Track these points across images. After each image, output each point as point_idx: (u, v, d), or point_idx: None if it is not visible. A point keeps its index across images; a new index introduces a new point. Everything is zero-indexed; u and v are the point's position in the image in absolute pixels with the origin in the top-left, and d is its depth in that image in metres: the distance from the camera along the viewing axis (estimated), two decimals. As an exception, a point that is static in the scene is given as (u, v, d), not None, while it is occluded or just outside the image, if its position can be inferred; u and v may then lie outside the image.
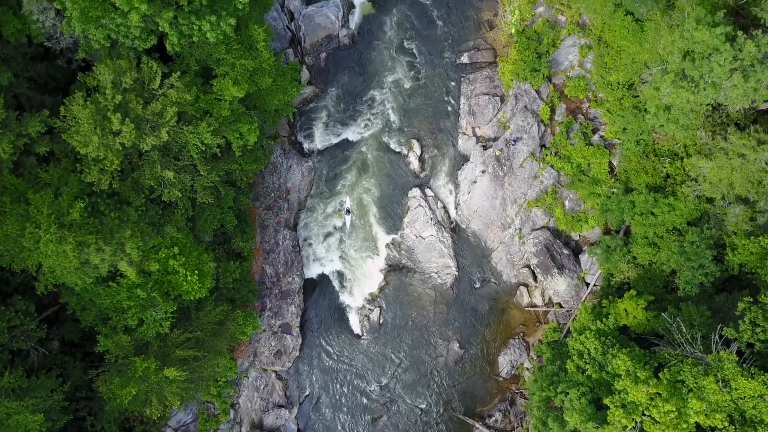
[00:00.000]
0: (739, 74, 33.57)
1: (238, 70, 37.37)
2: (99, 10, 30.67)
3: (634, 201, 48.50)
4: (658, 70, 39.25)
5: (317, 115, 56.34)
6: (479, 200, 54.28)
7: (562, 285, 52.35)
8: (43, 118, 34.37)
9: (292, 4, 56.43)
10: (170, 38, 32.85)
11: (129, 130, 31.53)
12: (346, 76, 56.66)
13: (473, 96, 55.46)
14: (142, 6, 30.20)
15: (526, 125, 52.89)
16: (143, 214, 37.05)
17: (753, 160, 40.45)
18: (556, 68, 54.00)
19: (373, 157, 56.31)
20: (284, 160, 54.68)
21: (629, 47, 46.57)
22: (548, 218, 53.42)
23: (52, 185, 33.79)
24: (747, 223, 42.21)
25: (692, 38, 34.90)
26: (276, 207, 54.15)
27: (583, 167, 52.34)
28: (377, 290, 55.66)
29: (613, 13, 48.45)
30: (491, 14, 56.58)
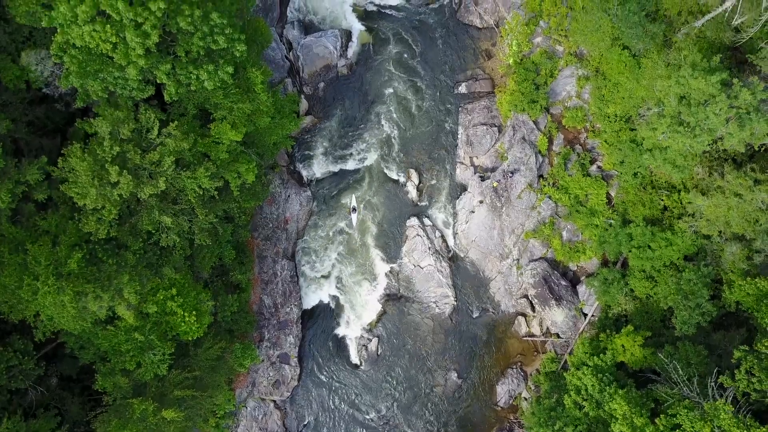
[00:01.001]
0: (735, 123, 33.68)
1: (236, 114, 37.49)
2: (97, 64, 30.78)
3: (632, 233, 48.62)
4: (655, 113, 39.39)
5: (316, 145, 56.45)
6: (477, 230, 54.38)
7: (559, 316, 52.43)
8: (42, 164, 34.47)
9: (290, 33, 56.54)
10: (168, 88, 32.95)
11: (127, 181, 31.65)
12: (344, 106, 56.78)
13: (471, 126, 55.57)
14: (139, 60, 30.31)
15: (524, 157, 52.99)
16: (141, 257, 37.14)
17: (749, 200, 40.57)
18: (554, 98, 54.11)
19: (371, 186, 56.40)
20: (283, 190, 54.77)
21: (626, 83, 46.70)
22: (546, 249, 53.52)
23: (51, 233, 33.88)
24: (744, 261, 42.31)
25: (688, 84, 35.03)
26: (274, 237, 54.23)
27: (581, 198, 52.43)
28: (375, 319, 55.73)
29: (611, 47, 48.57)
30: (489, 44, 56.70)
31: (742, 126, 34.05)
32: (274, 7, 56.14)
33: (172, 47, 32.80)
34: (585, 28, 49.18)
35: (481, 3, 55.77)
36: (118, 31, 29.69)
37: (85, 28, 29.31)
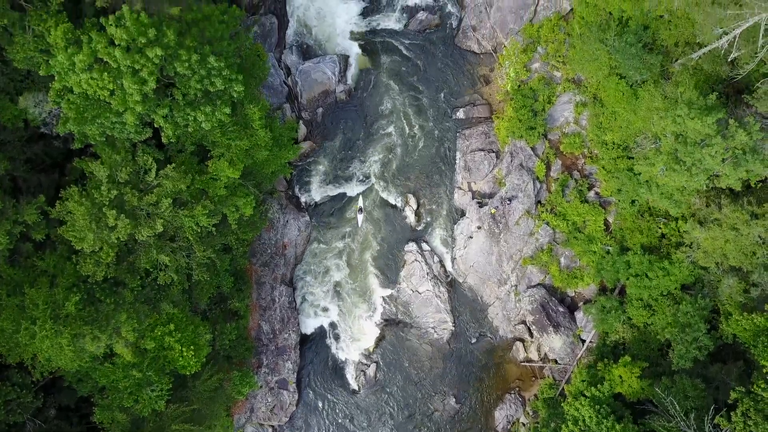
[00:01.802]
0: (730, 165, 33.79)
1: (233, 151, 37.58)
2: (95, 110, 30.88)
3: (630, 261, 48.74)
4: (652, 148, 39.51)
5: (314, 170, 56.56)
6: (475, 256, 54.45)
7: (557, 343, 52.50)
8: (40, 203, 34.54)
9: (288, 58, 56.66)
10: (165, 131, 33.03)
11: (124, 225, 31.74)
12: (342, 131, 56.88)
13: (469, 152, 55.68)
14: (137, 107, 30.41)
15: (522, 183, 53.10)
16: (139, 293, 37.20)
17: (746, 234, 40.68)
18: (552, 124, 54.23)
19: (369, 211, 56.49)
20: (281, 215, 54.85)
21: (623, 113, 46.84)
22: (544, 275, 53.60)
23: (48, 272, 33.95)
24: (741, 294, 42.40)
25: (685, 124, 35.14)
26: (272, 263, 54.29)
27: (579, 225, 52.51)
28: (373, 345, 55.81)
29: (608, 75, 48.71)
30: (487, 69, 56.81)
31: (737, 166, 34.15)
32: (272, 33, 56.25)
33: (170, 90, 32.90)
34: (582, 57, 49.37)
35: (479, 29, 55.89)
36: (116, 78, 29.80)
37: (83, 75, 29.44)
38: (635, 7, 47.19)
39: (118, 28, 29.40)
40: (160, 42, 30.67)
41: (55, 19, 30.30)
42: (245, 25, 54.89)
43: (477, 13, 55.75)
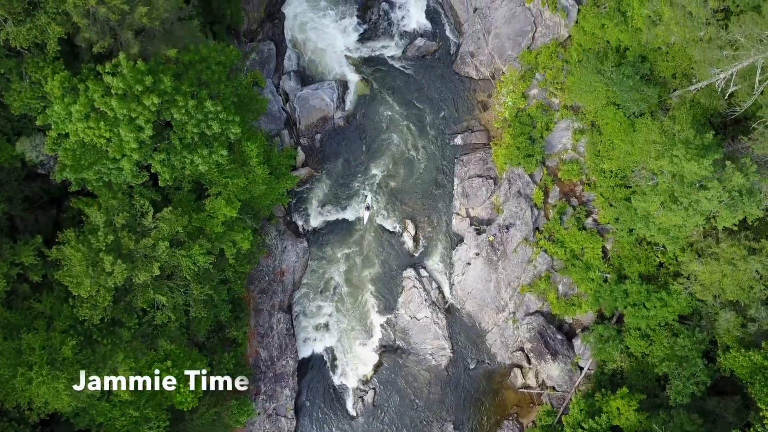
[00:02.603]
0: (726, 208, 33.83)
1: (231, 189, 37.60)
2: (91, 157, 30.93)
3: (627, 290, 48.78)
4: (649, 185, 39.55)
5: (312, 196, 56.58)
6: (473, 282, 54.46)
7: (555, 370, 52.48)
8: (37, 244, 34.58)
9: (287, 84, 56.73)
10: (162, 175, 33.07)
11: (121, 270, 31.79)
12: (341, 157, 56.93)
13: (467, 178, 55.72)
14: (134, 154, 30.47)
15: (519, 211, 53.13)
16: (136, 331, 37.22)
17: (744, 269, 40.70)
18: (550, 151, 54.28)
19: (367, 237, 56.52)
20: (279, 242, 54.86)
21: (621, 145, 46.90)
22: (542, 303, 53.59)
23: (45, 314, 33.97)
24: (738, 329, 42.41)
25: (681, 165, 35.17)
26: (270, 290, 54.29)
27: (577, 252, 52.52)
28: (372, 371, 55.77)
29: (606, 105, 48.78)
30: (485, 95, 56.86)
31: (734, 209, 34.18)
32: (270, 59, 56.34)
33: (166, 131, 32.96)
34: (580, 88, 49.46)
35: (477, 55, 55.96)
36: (112, 126, 29.86)
37: (80, 125, 29.49)
38: (633, 38, 47.39)
39: (114, 77, 29.48)
40: (157, 88, 30.73)
41: (52, 67, 30.37)
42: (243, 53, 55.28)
43: (475, 40, 55.84)
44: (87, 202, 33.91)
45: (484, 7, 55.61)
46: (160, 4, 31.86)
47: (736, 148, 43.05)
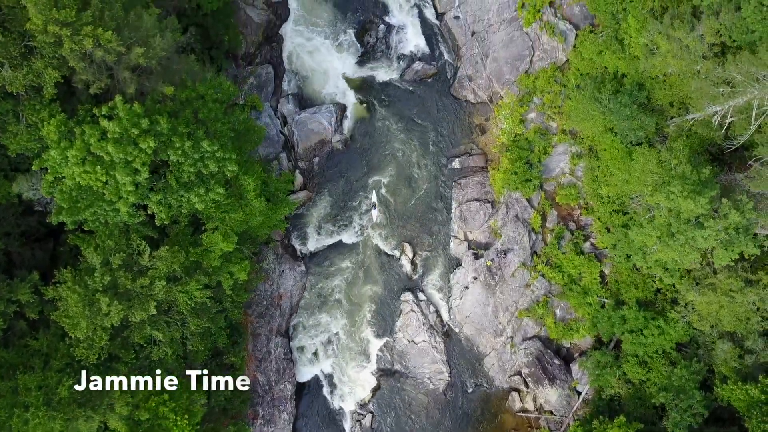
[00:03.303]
0: (722, 247, 33.85)
1: (228, 223, 37.63)
2: (88, 200, 30.95)
3: (625, 316, 48.73)
4: (646, 218, 39.57)
5: (310, 219, 56.61)
6: (471, 306, 54.48)
7: (553, 395, 52.47)
8: (33, 281, 34.59)
9: (285, 108, 56.77)
10: (159, 214, 33.09)
11: (117, 310, 31.82)
12: (339, 180, 56.98)
13: (464, 201, 55.75)
14: (130, 197, 30.51)
15: (517, 236, 53.16)
16: (133, 365, 37.22)
17: (741, 301, 40.69)
18: (548, 175, 54.31)
19: (365, 260, 56.56)
20: (277, 265, 54.89)
21: (618, 174, 46.90)
22: (539, 328, 53.59)
23: (42, 352, 33.98)
24: (735, 360, 42.41)
25: (678, 202, 35.18)
26: (268, 315, 54.30)
27: (574, 277, 52.51)
28: (370, 394, 55.77)
29: (603, 132, 48.81)
30: (483, 119, 56.90)
31: (730, 247, 34.20)
32: (269, 82, 56.38)
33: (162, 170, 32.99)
34: (577, 115, 49.48)
35: (474, 79, 56.01)
36: (109, 170, 29.89)
37: (76, 169, 29.53)
38: (630, 65, 47.40)
39: (110, 121, 29.51)
40: (154, 129, 30.76)
41: (49, 110, 30.40)
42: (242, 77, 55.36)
43: (473, 64, 55.88)
44: (84, 239, 33.93)
45: (482, 30, 55.67)
46: (157, 44, 31.88)
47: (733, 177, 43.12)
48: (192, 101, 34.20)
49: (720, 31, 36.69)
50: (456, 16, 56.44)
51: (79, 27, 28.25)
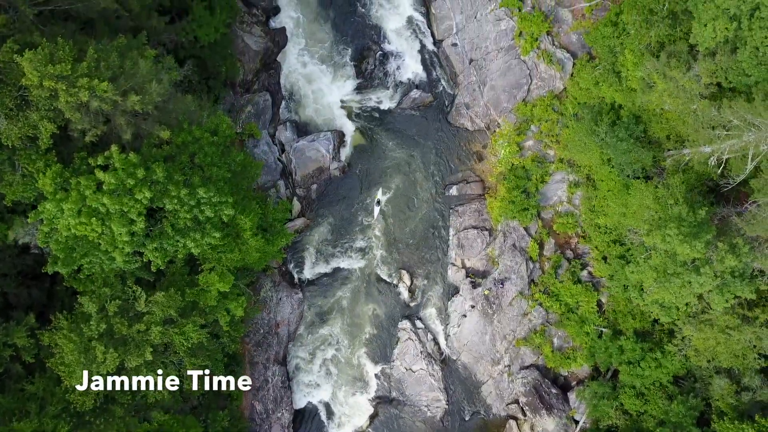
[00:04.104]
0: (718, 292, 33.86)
1: (224, 263, 37.65)
2: (83, 248, 30.99)
3: (622, 346, 48.75)
4: (642, 258, 39.57)
5: (308, 246, 56.61)
6: (469, 334, 54.48)
7: (551, 424, 52.42)
8: (29, 323, 34.60)
9: (283, 135, 56.78)
10: (154, 261, 33.13)
11: (113, 358, 31.83)
12: (336, 207, 57.02)
13: (462, 229, 55.78)
14: (126, 247, 30.55)
15: (515, 265, 53.17)
16: (129, 406, 37.21)
17: (737, 339, 40.68)
18: (545, 202, 54.34)
19: (363, 287, 56.60)
20: (274, 293, 54.90)
21: (615, 209, 46.91)
22: (537, 357, 53.59)
23: (38, 396, 33.98)
24: (732, 397, 42.39)
25: (674, 246, 35.18)
26: (265, 343, 54.29)
27: (572, 306, 52.52)
28: (367, 421, 55.76)
29: (600, 164, 48.82)
30: (480, 146, 56.94)
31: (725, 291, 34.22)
32: (266, 110, 56.39)
33: (159, 217, 33.02)
34: (574, 146, 49.54)
35: (472, 107, 56.05)
36: (104, 221, 29.92)
37: (72, 221, 29.57)
38: (627, 98, 47.41)
39: (106, 172, 29.53)
40: (149, 178, 30.79)
41: (44, 160, 30.43)
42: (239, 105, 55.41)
43: (470, 91, 55.93)
44: (80, 280, 33.94)
45: (479, 58, 55.72)
46: (153, 90, 31.92)
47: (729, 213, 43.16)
48: (188, 144, 34.23)
49: (716, 73, 36.70)
50: (454, 44, 56.47)
51: (75, 79, 28.27)
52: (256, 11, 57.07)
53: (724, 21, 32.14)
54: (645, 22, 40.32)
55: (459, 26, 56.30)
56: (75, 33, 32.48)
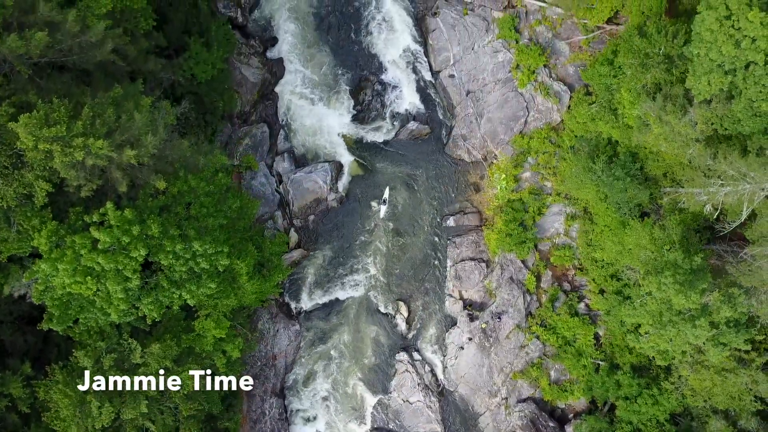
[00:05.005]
0: (714, 346, 33.88)
1: (220, 309, 37.69)
2: (78, 305, 31.04)
3: (619, 381, 48.73)
4: (638, 302, 39.59)
5: (305, 277, 56.62)
6: (466, 366, 54.49)
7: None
8: (25, 372, 34.62)
9: (280, 166, 56.81)
10: (150, 314, 33.16)
11: (108, 412, 31.87)
12: (334, 238, 57.05)
13: (459, 260, 55.80)
14: (121, 304, 30.60)
15: (512, 298, 53.21)
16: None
17: (733, 381, 40.71)
18: (542, 234, 54.39)
19: (360, 318, 56.61)
20: (271, 325, 54.93)
21: (612, 246, 46.94)
22: (534, 390, 53.58)
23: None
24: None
25: (669, 294, 35.19)
26: (263, 376, 54.31)
27: (569, 339, 52.53)
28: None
29: (598, 201, 48.84)
30: (477, 177, 56.97)
31: (719, 342, 34.24)
32: (264, 141, 56.48)
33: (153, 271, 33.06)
34: (571, 182, 49.56)
35: (469, 138, 56.09)
36: (100, 278, 29.98)
37: (66, 280, 29.63)
38: (623, 135, 47.47)
39: (100, 230, 29.57)
40: (145, 231, 30.83)
41: (40, 217, 30.47)
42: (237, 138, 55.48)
43: (467, 123, 55.99)
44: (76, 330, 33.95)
45: (477, 90, 55.79)
46: (149, 142, 31.93)
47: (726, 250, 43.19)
48: (184, 194, 34.27)
49: (712, 119, 36.73)
50: (451, 75, 56.55)
51: (70, 139, 28.32)
52: (254, 42, 57.19)
53: (719, 75, 32.17)
54: (641, 65, 40.33)
55: (456, 57, 56.39)
56: (71, 86, 32.51)
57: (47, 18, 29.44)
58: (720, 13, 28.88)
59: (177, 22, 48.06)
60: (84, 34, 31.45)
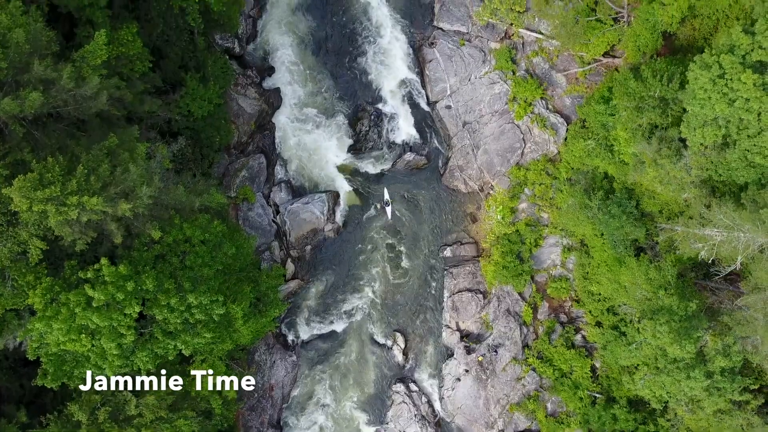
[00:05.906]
0: (708, 397, 33.92)
1: (216, 354, 37.72)
2: (74, 361, 31.09)
3: (616, 415, 48.72)
4: (635, 346, 39.64)
5: (302, 308, 56.67)
6: (463, 398, 54.51)
7: (544, 490, 52.50)
8: (21, 421, 34.64)
9: (277, 196, 56.86)
10: (144, 366, 33.19)
11: (104, 465, 31.98)
12: (331, 269, 57.08)
13: (456, 291, 55.85)
14: (115, 360, 30.64)
15: (508, 331, 53.25)
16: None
17: (728, 424, 40.72)
18: (539, 266, 54.43)
19: (357, 349, 56.65)
20: (268, 356, 54.96)
21: (607, 284, 46.98)
22: (531, 422, 53.60)
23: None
24: (725, 479, 42.44)
25: (664, 344, 35.25)
26: (260, 407, 54.32)
27: (565, 371, 52.55)
28: (361, 484, 55.87)
29: (594, 237, 48.90)
30: (474, 207, 57.04)
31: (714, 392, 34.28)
32: (261, 172, 56.48)
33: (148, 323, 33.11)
34: (567, 218, 49.61)
35: (465, 169, 56.14)
36: (94, 335, 30.03)
37: (61, 337, 29.68)
38: (619, 171, 47.52)
39: (95, 288, 29.64)
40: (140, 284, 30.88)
41: (35, 273, 30.53)
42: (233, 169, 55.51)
43: (464, 154, 56.03)
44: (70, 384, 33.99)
45: (473, 121, 55.85)
46: (143, 193, 31.98)
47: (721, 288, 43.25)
48: (179, 243, 34.31)
49: (706, 166, 36.80)
50: (448, 106, 56.62)
51: (65, 198, 28.37)
52: (251, 72, 57.21)
53: (713, 128, 32.23)
54: (636, 108, 40.38)
55: (453, 88, 56.47)
56: (66, 138, 32.54)
57: (42, 76, 29.46)
58: (714, 72, 28.96)
59: (173, 57, 48.09)
60: (80, 88, 31.44)
